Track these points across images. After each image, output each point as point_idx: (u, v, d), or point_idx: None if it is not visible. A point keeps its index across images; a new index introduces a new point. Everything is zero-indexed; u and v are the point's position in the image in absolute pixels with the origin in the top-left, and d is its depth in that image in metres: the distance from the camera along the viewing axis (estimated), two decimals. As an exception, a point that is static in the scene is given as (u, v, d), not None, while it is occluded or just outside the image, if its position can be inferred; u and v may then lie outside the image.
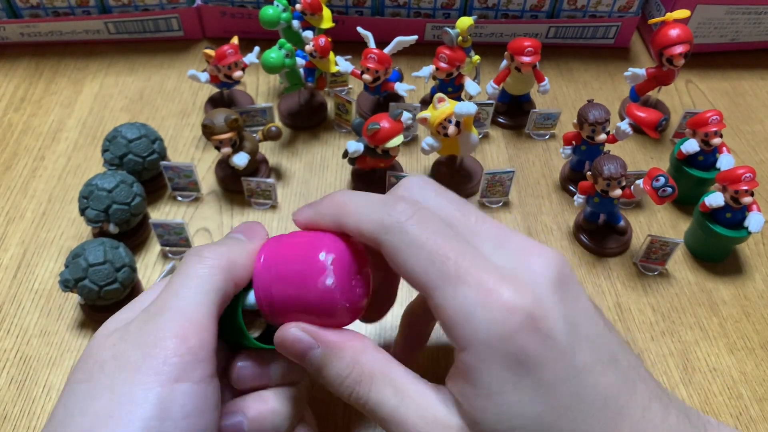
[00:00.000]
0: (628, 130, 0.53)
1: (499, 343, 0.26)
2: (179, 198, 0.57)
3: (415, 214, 0.29)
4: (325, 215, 0.32)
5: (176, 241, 0.52)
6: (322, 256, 0.31)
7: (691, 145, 0.54)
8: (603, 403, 0.26)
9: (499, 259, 0.28)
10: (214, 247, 0.31)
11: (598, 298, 0.51)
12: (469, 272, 0.27)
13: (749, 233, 0.50)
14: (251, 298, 0.32)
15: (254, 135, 0.56)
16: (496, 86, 0.62)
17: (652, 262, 0.52)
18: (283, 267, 0.31)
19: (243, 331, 0.32)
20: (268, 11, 0.59)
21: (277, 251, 0.33)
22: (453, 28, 0.57)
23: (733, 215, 0.50)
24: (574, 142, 0.56)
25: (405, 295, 0.40)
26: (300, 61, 0.58)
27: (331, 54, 0.59)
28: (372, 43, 0.58)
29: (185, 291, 0.29)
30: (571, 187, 0.58)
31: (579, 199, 0.53)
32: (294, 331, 0.31)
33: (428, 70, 0.60)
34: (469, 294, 0.26)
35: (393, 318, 0.43)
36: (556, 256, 0.28)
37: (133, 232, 0.52)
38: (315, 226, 0.33)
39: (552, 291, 0.27)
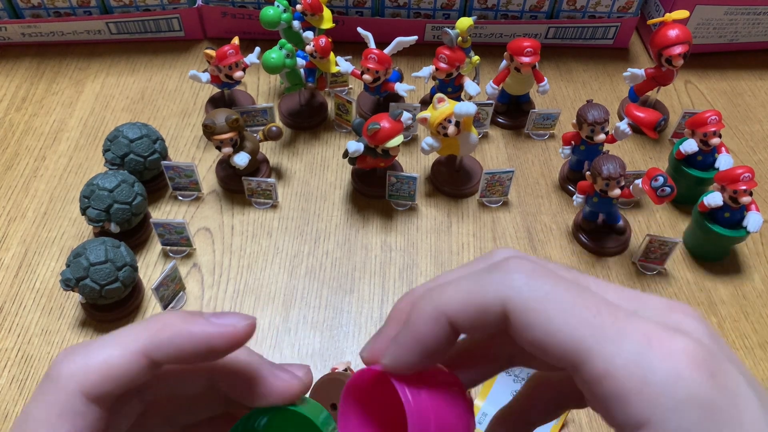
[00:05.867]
0: (627, 130, 0.53)
1: (691, 406, 0.20)
2: (180, 197, 0.57)
3: (536, 267, 0.22)
4: (410, 334, 0.23)
5: (177, 241, 0.52)
6: None
7: (690, 145, 0.54)
8: None
9: (646, 316, 0.23)
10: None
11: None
12: (628, 324, 0.21)
13: (748, 233, 0.50)
14: None
15: (255, 135, 0.57)
16: (495, 86, 0.62)
17: (650, 261, 0.52)
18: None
19: None
20: (269, 12, 0.59)
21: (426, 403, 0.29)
22: (453, 28, 0.57)
23: (732, 215, 0.50)
24: (573, 142, 0.56)
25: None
26: (300, 62, 0.59)
27: (332, 54, 0.59)
28: (372, 44, 0.58)
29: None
30: (570, 187, 0.58)
31: (578, 198, 0.53)
32: None
33: (428, 70, 0.60)
34: (639, 348, 0.21)
35: None
36: (698, 314, 0.24)
37: (134, 232, 0.52)
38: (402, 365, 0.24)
39: (715, 345, 0.22)
